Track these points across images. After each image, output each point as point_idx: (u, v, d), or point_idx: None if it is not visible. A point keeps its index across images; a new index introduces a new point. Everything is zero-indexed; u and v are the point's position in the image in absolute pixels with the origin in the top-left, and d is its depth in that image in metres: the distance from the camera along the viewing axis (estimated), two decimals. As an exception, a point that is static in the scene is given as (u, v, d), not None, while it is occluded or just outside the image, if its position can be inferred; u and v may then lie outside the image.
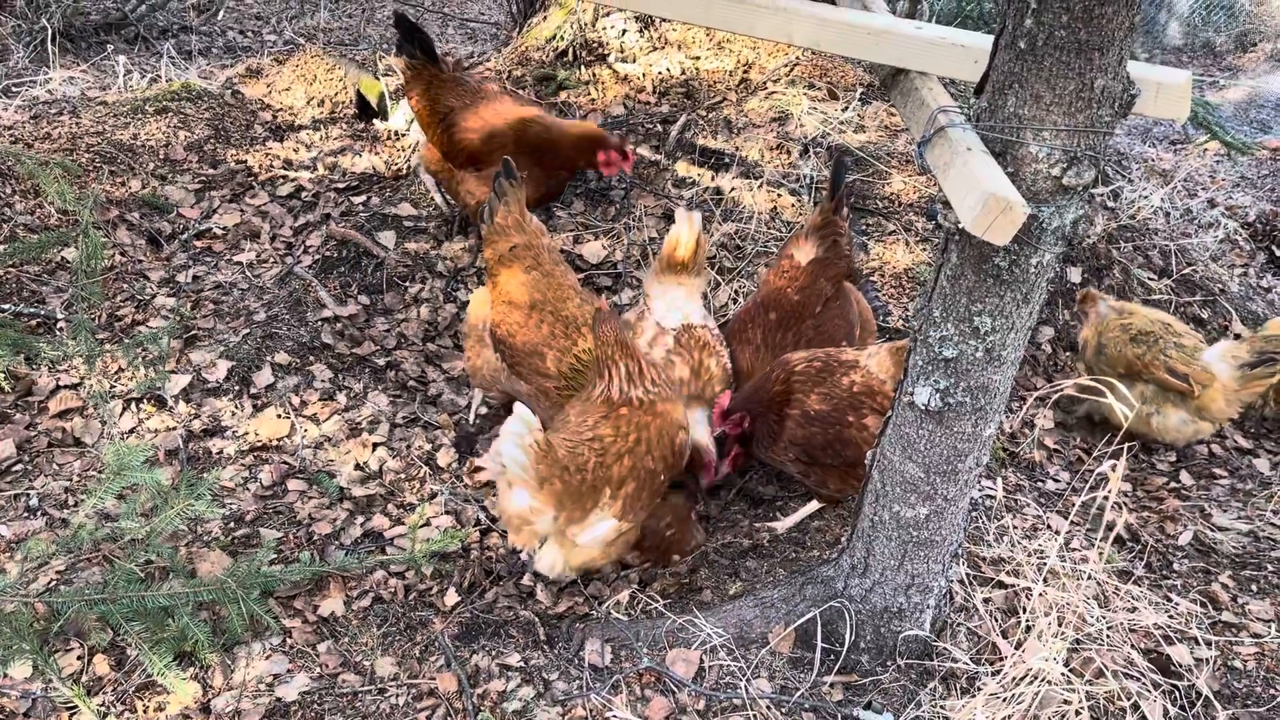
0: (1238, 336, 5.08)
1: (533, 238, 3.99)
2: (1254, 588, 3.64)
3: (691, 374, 3.90)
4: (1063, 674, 2.86)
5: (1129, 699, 2.96)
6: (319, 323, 4.58)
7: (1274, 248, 6.13)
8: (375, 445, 4.09)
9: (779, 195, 5.08)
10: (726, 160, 5.24)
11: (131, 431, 3.96)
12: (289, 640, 3.19)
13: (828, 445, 3.56)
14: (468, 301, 4.42)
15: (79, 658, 3.07)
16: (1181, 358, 4.33)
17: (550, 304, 3.89)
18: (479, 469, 3.97)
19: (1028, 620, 3.06)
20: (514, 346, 3.88)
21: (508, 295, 3.94)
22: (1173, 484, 4.38)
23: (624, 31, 5.89)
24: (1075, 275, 5.06)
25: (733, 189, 5.12)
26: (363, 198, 5.29)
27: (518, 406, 3.17)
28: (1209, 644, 3.26)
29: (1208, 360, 4.32)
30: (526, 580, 3.54)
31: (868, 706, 2.98)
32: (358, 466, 4.00)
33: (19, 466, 3.79)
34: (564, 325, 3.85)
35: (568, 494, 3.24)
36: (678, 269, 4.01)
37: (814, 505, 3.75)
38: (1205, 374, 4.29)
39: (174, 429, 3.97)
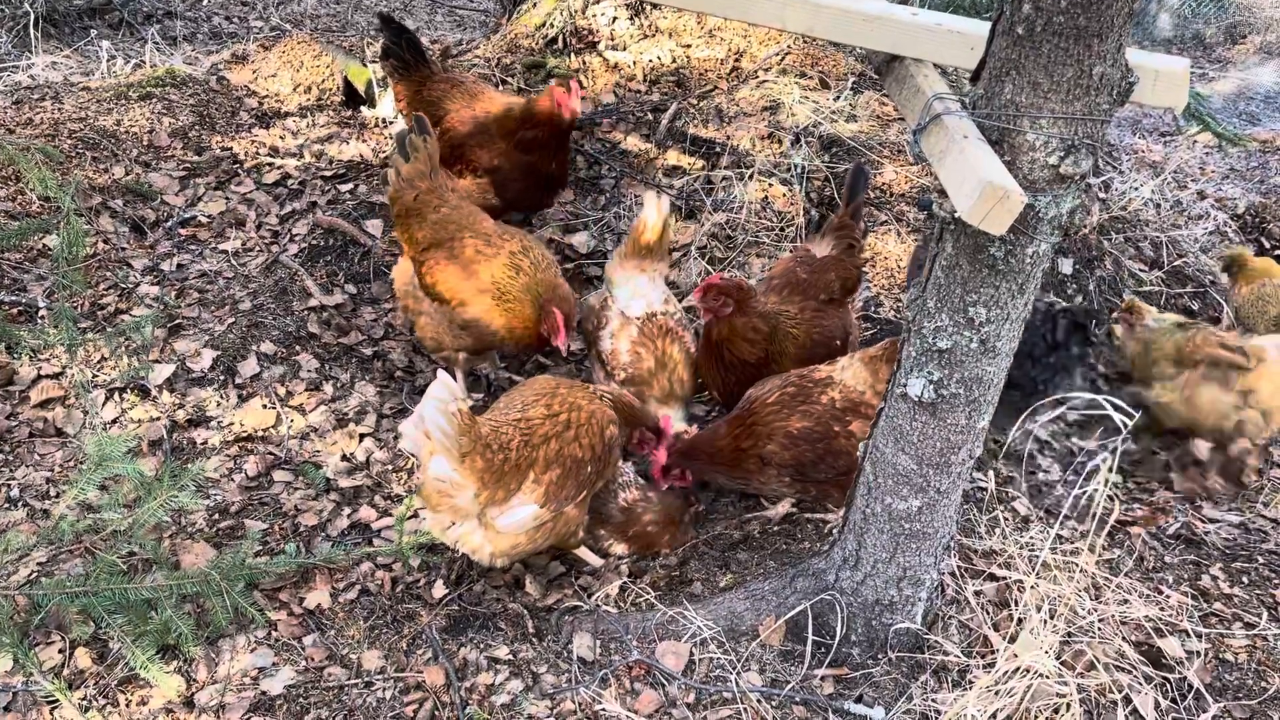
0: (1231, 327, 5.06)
1: (437, 182, 4.11)
2: (1245, 580, 3.63)
3: (657, 364, 3.98)
4: (1054, 667, 2.84)
5: (1120, 692, 2.94)
6: (305, 312, 4.53)
7: (1263, 239, 6.12)
8: (362, 436, 4.05)
9: (770, 185, 5.04)
10: (717, 149, 5.20)
11: (114, 422, 3.91)
12: (274, 633, 3.16)
13: (819, 460, 3.51)
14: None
15: (60, 651, 3.03)
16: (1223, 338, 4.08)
17: (466, 229, 4.05)
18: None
19: (1019, 613, 3.04)
20: (447, 286, 4.01)
21: (426, 241, 4.04)
22: (1163, 475, 4.37)
23: (614, 19, 5.85)
24: (1066, 266, 5.05)
25: (724, 178, 5.09)
26: (350, 185, 5.23)
27: (441, 374, 3.00)
28: (1200, 636, 3.26)
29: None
30: (515, 572, 3.51)
31: (859, 700, 2.97)
32: (344, 457, 3.96)
33: (-1, 457, 3.75)
34: (484, 241, 4.02)
35: (490, 472, 3.10)
36: (643, 253, 4.04)
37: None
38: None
39: (158, 419, 3.92)
